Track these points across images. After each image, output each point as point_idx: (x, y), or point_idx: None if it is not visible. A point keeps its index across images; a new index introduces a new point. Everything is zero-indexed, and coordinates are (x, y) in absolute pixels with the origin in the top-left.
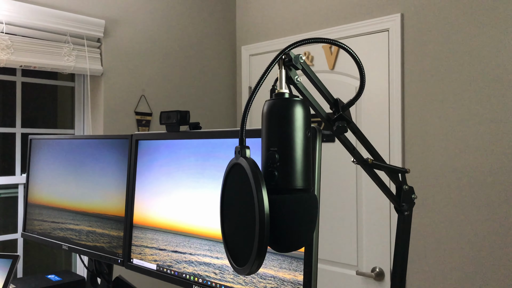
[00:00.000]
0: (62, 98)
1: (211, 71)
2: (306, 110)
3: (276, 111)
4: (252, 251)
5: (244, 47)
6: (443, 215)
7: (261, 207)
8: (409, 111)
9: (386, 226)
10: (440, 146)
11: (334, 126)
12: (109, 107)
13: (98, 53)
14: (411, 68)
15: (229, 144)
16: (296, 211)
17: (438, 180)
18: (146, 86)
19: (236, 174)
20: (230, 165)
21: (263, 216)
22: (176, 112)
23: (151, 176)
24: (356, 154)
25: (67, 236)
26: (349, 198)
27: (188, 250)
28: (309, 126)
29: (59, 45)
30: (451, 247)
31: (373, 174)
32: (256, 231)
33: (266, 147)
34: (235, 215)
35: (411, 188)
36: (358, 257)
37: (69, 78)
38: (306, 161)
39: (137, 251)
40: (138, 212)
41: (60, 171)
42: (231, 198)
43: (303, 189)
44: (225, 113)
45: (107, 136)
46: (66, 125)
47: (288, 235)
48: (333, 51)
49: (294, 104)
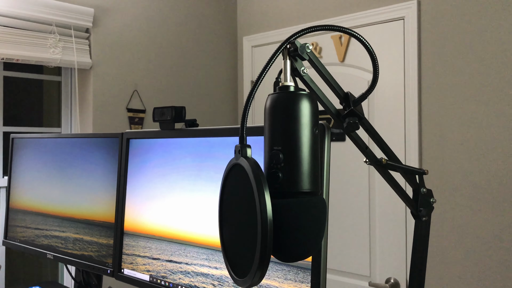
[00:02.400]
0: (48, 93)
1: (210, 64)
2: (314, 104)
3: (280, 106)
4: (253, 261)
5: (246, 37)
6: (463, 220)
7: (264, 212)
8: (426, 107)
9: (402, 232)
10: (461, 145)
11: (345, 123)
12: (99, 104)
13: (86, 44)
14: (428, 60)
15: (229, 143)
16: (303, 216)
17: (458, 183)
18: (139, 81)
19: (236, 176)
20: (229, 166)
21: (266, 222)
22: (171, 108)
23: (143, 178)
24: (369, 153)
25: (52, 244)
26: (361, 202)
27: (184, 260)
28: (317, 122)
29: (44, 36)
30: (472, 255)
31: (387, 175)
32: (258, 239)
33: (269, 146)
34: (235, 221)
35: (430, 191)
36: (371, 267)
37: (56, 72)
38: (313, 161)
39: (129, 260)
40: (130, 218)
41: (44, 173)
42: (231, 202)
43: (310, 192)
44: (225, 110)
45: (95, 134)
46: (53, 123)
47: (293, 243)
48: (343, 41)
49: (300, 98)
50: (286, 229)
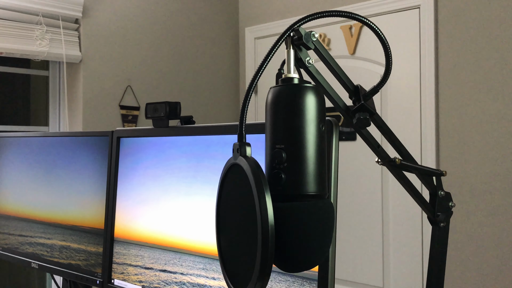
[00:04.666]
0: (36, 90)
1: (209, 57)
2: (320, 98)
3: (283, 99)
4: (253, 271)
5: (248, 28)
6: (484, 226)
7: (265, 217)
8: (444, 103)
9: (417, 239)
10: (481, 144)
11: (355, 119)
12: (89, 100)
13: (76, 36)
14: (446, 51)
15: (227, 142)
16: (308, 222)
17: (479, 185)
18: (132, 75)
19: (235, 177)
20: (227, 166)
21: (267, 228)
22: (165, 103)
23: (135, 180)
24: (381, 152)
25: (37, 252)
26: (372, 206)
27: (179, 269)
28: (324, 118)
29: (30, 27)
30: (494, 265)
31: (402, 177)
32: (259, 246)
33: (271, 144)
34: (233, 227)
35: (448, 194)
36: (384, 277)
37: (44, 66)
38: (319, 160)
39: (119, 270)
40: (120, 224)
41: (28, 175)
42: (229, 206)
43: (316, 195)
44: (226, 106)
45: (83, 133)
46: (41, 121)
47: (298, 251)
48: (353, 32)
49: (305, 91)
50: (289, 236)
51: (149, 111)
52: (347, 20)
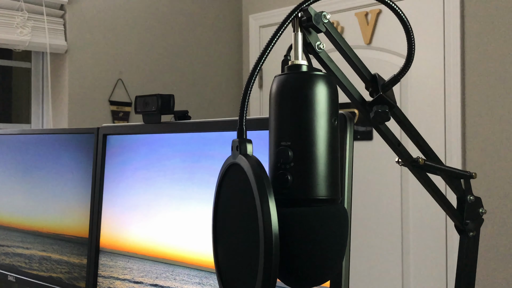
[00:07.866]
0: (18, 84)
1: (209, 47)
2: (332, 88)
3: (290, 89)
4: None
5: (253, 16)
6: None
7: (268, 225)
8: (471, 97)
9: (441, 249)
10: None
11: (372, 112)
12: (76, 95)
13: (61, 24)
14: (473, 40)
15: (227, 139)
16: (318, 230)
17: (510, 188)
18: (123, 67)
19: (234, 179)
20: (225, 166)
21: (270, 237)
22: (156, 96)
23: (123, 183)
24: (402, 151)
25: (14, 264)
26: (391, 212)
27: (172, 284)
28: (336, 111)
29: (10, 14)
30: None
31: (425, 179)
32: (261, 258)
33: (275, 141)
34: (232, 236)
35: (478, 199)
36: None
37: (25, 57)
38: (331, 160)
39: (105, 284)
40: (106, 232)
41: (6, 178)
42: (227, 212)
43: (327, 200)
44: (228, 101)
45: (66, 130)
46: (23, 118)
47: (306, 264)
48: (369, 19)
49: (315, 80)
50: (296, 246)
51: (139, 105)
52: (362, 6)
